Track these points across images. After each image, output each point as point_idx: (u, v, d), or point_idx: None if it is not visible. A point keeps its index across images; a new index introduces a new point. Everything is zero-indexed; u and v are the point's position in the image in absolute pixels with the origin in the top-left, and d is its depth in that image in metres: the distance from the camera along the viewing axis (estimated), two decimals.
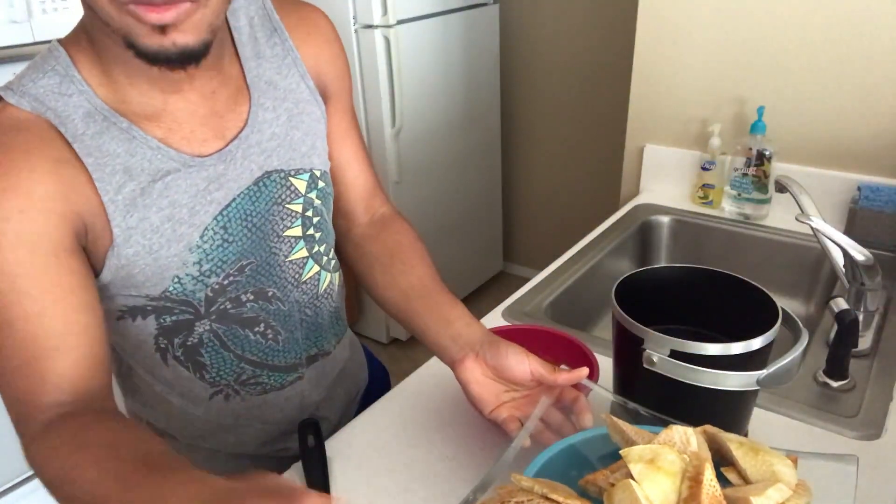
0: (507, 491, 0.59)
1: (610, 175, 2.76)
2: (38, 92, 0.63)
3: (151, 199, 0.66)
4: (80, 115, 0.63)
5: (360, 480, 0.79)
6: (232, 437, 0.87)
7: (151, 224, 0.66)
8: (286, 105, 0.75)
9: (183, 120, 0.68)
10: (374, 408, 0.92)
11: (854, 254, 1.00)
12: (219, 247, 0.71)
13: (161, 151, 0.66)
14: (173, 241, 0.68)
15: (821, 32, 1.33)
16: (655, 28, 1.53)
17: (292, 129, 0.75)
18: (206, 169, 0.69)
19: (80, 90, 0.63)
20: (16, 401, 0.62)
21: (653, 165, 1.62)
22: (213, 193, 0.70)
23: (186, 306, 0.73)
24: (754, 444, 0.61)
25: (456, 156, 2.70)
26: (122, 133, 0.64)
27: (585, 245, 1.37)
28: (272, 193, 0.74)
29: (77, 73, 0.64)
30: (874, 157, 1.35)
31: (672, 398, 0.73)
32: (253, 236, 0.74)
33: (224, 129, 0.71)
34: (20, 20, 1.59)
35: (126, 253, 0.66)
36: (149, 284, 0.69)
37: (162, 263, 0.68)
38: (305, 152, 0.76)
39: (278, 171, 0.74)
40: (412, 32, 2.34)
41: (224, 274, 0.73)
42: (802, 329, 0.73)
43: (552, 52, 2.78)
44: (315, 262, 0.82)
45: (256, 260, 0.75)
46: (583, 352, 0.89)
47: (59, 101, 0.63)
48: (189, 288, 0.71)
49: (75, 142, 0.62)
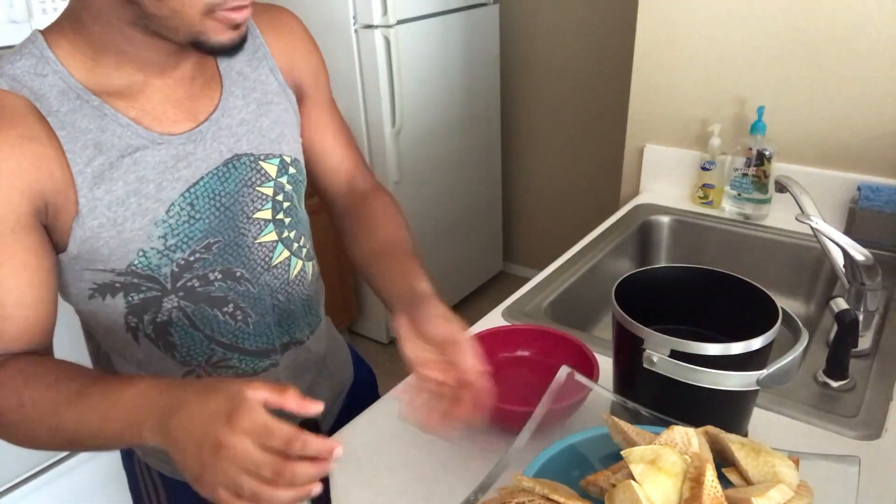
0: (508, 491, 0.59)
1: (610, 175, 2.76)
2: (16, 73, 0.66)
3: (119, 174, 0.69)
4: (54, 94, 0.66)
5: (360, 480, 0.79)
6: None
7: (117, 197, 0.69)
8: (255, 95, 0.79)
9: (158, 102, 0.72)
10: (374, 408, 0.92)
11: (854, 254, 1.00)
12: (185, 223, 0.73)
13: (131, 129, 0.69)
14: (138, 215, 0.70)
15: (821, 32, 1.33)
16: (655, 28, 1.53)
17: (261, 116, 0.79)
18: (174, 147, 0.72)
19: (54, 70, 0.67)
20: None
21: (653, 165, 1.62)
22: (182, 171, 0.72)
23: (153, 282, 0.74)
24: (756, 445, 0.61)
25: (456, 156, 2.70)
26: (94, 110, 0.68)
27: (585, 245, 1.37)
28: (242, 175, 0.77)
29: (52, 55, 0.67)
30: (874, 157, 1.35)
31: (672, 398, 0.73)
32: (221, 216, 0.76)
33: (196, 112, 0.74)
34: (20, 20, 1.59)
35: (91, 224, 0.68)
36: (114, 258, 0.70)
37: (126, 236, 0.70)
38: (274, 139, 0.80)
39: (248, 155, 0.77)
40: (412, 32, 2.34)
41: (190, 250, 0.75)
42: (802, 329, 0.73)
43: (552, 52, 2.78)
44: (285, 247, 0.84)
45: (224, 239, 0.77)
46: (583, 352, 0.89)
47: (35, 80, 0.66)
48: (154, 262, 0.73)
49: (49, 116, 0.66)
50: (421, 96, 2.45)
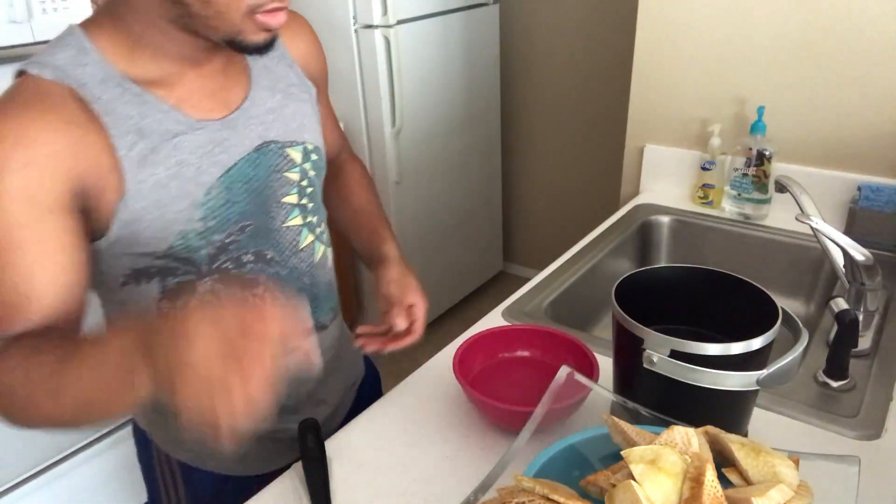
0: (508, 491, 0.59)
1: (610, 175, 2.76)
2: (58, 63, 0.68)
3: (161, 157, 0.71)
4: (95, 82, 0.69)
5: (360, 480, 0.79)
6: None
7: (160, 180, 0.71)
8: (279, 86, 0.84)
9: (193, 91, 0.75)
10: (374, 408, 0.92)
11: (854, 254, 1.00)
12: (222, 206, 0.76)
13: (171, 115, 0.72)
14: (179, 198, 0.73)
15: (821, 33, 1.33)
16: (655, 28, 1.53)
17: (285, 106, 0.83)
18: (212, 133, 0.75)
19: (94, 60, 0.69)
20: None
21: (653, 165, 1.62)
22: (218, 156, 0.75)
23: (189, 265, 0.76)
24: (756, 445, 0.61)
25: (456, 156, 2.70)
26: (134, 97, 0.70)
27: (585, 245, 1.37)
28: (270, 161, 0.81)
29: (91, 46, 0.70)
30: (874, 157, 1.35)
31: (672, 398, 0.73)
32: (254, 199, 0.79)
33: (228, 101, 0.78)
34: (20, 20, 1.59)
35: (135, 207, 0.70)
36: (155, 240, 0.72)
37: (168, 218, 0.72)
38: (297, 127, 0.84)
39: (275, 142, 0.81)
40: (412, 32, 2.34)
41: (226, 232, 0.77)
42: (802, 329, 0.73)
43: (552, 52, 2.78)
44: (310, 231, 0.87)
45: (256, 222, 0.80)
46: (583, 352, 0.89)
47: (77, 70, 0.68)
48: (194, 244, 0.75)
49: (93, 103, 0.68)
50: (421, 96, 2.45)
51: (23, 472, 1.64)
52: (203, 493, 0.93)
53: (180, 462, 0.92)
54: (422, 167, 2.53)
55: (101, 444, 1.78)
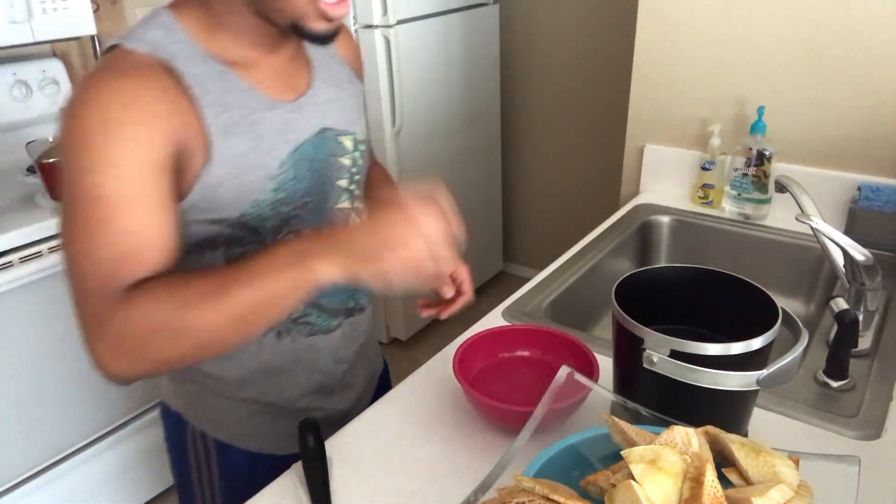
0: (507, 491, 0.59)
1: (610, 175, 2.76)
2: (152, 39, 0.74)
3: (241, 130, 0.77)
4: (183, 58, 0.75)
5: (360, 480, 0.79)
6: (275, 384, 0.92)
7: (240, 150, 0.77)
8: (334, 80, 0.91)
9: (267, 74, 0.82)
10: (374, 408, 0.92)
11: (854, 254, 1.00)
12: (290, 180, 0.82)
13: (249, 93, 0.79)
14: (256, 168, 0.78)
15: (821, 33, 1.33)
16: (655, 28, 1.53)
17: (339, 99, 0.90)
18: (284, 113, 0.82)
19: (181, 40, 0.75)
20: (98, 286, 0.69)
21: (653, 165, 1.62)
22: (289, 135, 0.82)
23: (255, 235, 0.81)
24: (756, 445, 0.61)
25: (456, 156, 2.70)
26: (218, 74, 0.77)
27: (585, 245, 1.37)
28: (328, 146, 0.87)
29: (178, 27, 0.76)
30: (874, 157, 1.35)
31: (672, 398, 0.73)
32: (315, 179, 0.86)
33: (297, 87, 0.85)
34: (20, 20, 1.59)
35: (217, 172, 0.75)
36: (230, 206, 0.78)
37: (245, 186, 0.78)
38: (348, 119, 0.91)
39: (332, 129, 0.88)
40: (412, 32, 2.34)
41: (291, 206, 0.83)
42: (802, 329, 0.73)
43: (552, 52, 2.78)
44: (356, 216, 0.93)
45: (315, 200, 0.86)
46: (583, 352, 0.89)
47: (168, 46, 0.74)
48: (264, 213, 0.80)
49: (184, 75, 0.74)
50: (421, 96, 2.45)
51: (23, 472, 1.64)
52: (237, 471, 0.96)
53: (216, 441, 0.95)
54: (422, 167, 2.53)
55: (102, 444, 1.78)
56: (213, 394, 0.92)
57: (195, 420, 0.95)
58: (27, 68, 1.88)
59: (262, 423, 0.95)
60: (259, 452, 0.95)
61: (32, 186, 1.71)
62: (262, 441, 0.96)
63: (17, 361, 1.55)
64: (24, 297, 1.52)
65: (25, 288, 1.52)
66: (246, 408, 0.93)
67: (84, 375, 1.68)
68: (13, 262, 1.48)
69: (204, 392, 0.93)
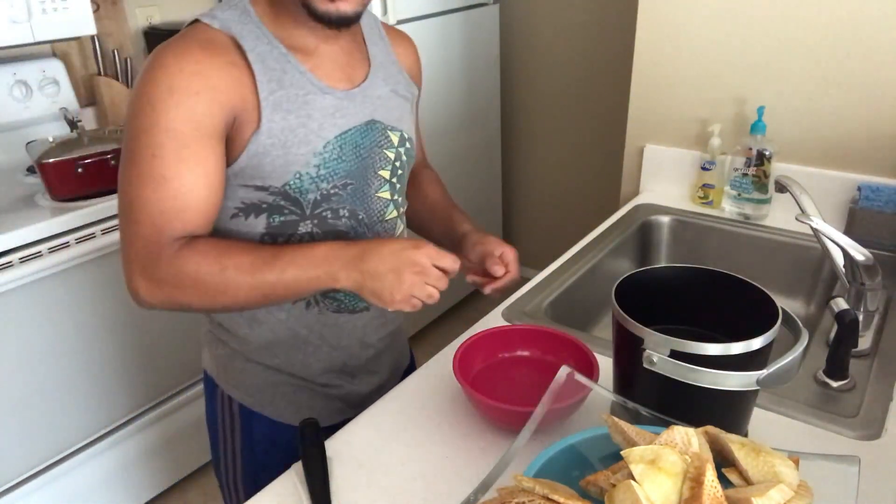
0: (507, 491, 0.59)
1: (610, 175, 2.76)
2: (225, 17, 0.83)
3: (293, 107, 0.84)
4: (251, 37, 0.83)
5: (360, 480, 0.79)
6: (300, 355, 0.98)
7: (289, 124, 0.83)
8: (390, 81, 0.97)
9: (325, 61, 0.89)
10: (374, 408, 0.92)
11: (854, 254, 1.00)
12: (334, 160, 0.88)
13: (306, 76, 0.86)
14: (302, 143, 0.85)
15: (821, 32, 1.33)
16: (655, 28, 1.53)
17: (391, 98, 0.96)
18: (335, 99, 0.88)
19: (252, 20, 0.84)
20: (149, 231, 0.79)
21: (653, 165, 1.62)
22: (338, 119, 0.88)
23: (296, 206, 0.87)
24: (756, 445, 0.61)
25: (456, 156, 2.70)
26: (280, 55, 0.84)
27: (585, 245, 1.37)
28: (375, 137, 0.93)
29: (252, 10, 0.84)
30: (874, 157, 1.35)
31: (672, 398, 0.74)
32: (359, 164, 0.91)
33: (353, 78, 0.92)
34: (20, 20, 1.59)
35: (265, 142, 0.82)
36: (275, 175, 0.84)
37: (290, 158, 0.84)
38: (398, 117, 0.97)
39: (380, 123, 0.93)
40: (412, 32, 2.32)
41: (332, 184, 0.89)
42: (802, 329, 0.73)
43: (552, 52, 2.78)
44: (395, 208, 0.98)
45: (356, 183, 0.91)
46: (583, 352, 0.89)
47: (238, 25, 0.83)
48: (306, 185, 0.86)
49: (248, 52, 0.81)
50: (421, 96, 2.45)
51: (23, 472, 1.64)
52: (258, 438, 1.01)
53: (241, 406, 1.01)
54: None
55: (102, 444, 1.78)
56: (243, 358, 0.98)
57: (224, 384, 1.01)
58: (27, 68, 1.88)
59: (284, 393, 1.00)
60: (278, 421, 1.00)
61: (32, 186, 1.71)
62: (282, 410, 1.00)
63: (17, 361, 1.55)
64: (24, 297, 1.52)
65: (25, 288, 1.52)
66: (270, 376, 0.99)
67: (84, 375, 1.68)
68: (13, 262, 1.48)
69: (234, 356, 0.99)
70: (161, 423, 1.89)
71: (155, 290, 0.80)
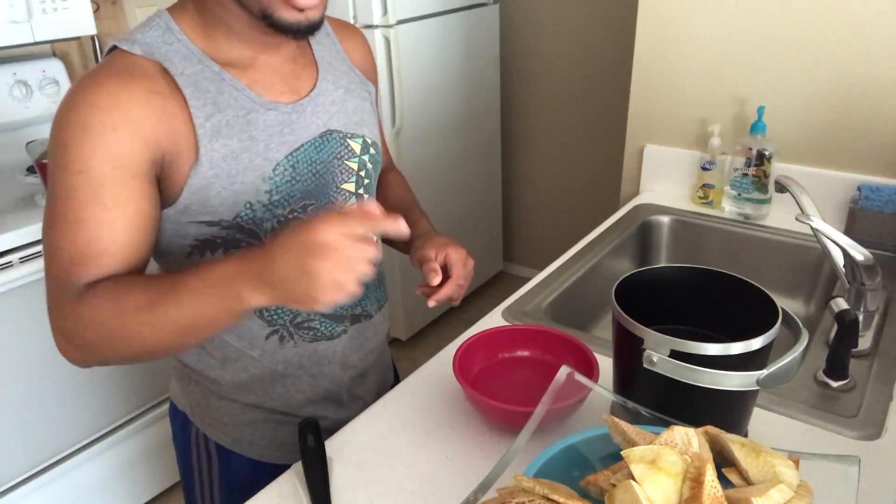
0: (507, 491, 0.59)
1: (610, 175, 2.76)
2: (147, 40, 0.75)
3: (234, 131, 0.76)
4: (179, 58, 0.75)
5: (360, 480, 0.79)
6: (279, 388, 0.92)
7: (231, 151, 0.76)
8: (342, 82, 0.89)
9: (266, 74, 0.81)
10: (374, 408, 0.92)
11: (854, 254, 1.00)
12: (287, 182, 0.81)
13: (245, 93, 0.78)
14: (249, 169, 0.78)
15: (821, 32, 1.33)
16: (655, 28, 1.53)
17: (347, 101, 0.89)
18: (281, 114, 0.81)
19: (178, 39, 0.76)
20: (58, 278, 0.71)
21: (653, 165, 1.62)
22: (286, 136, 0.81)
23: (253, 238, 0.81)
24: (756, 445, 0.61)
25: (456, 156, 2.70)
26: (213, 75, 0.77)
27: (585, 245, 1.37)
28: (333, 148, 0.86)
29: (176, 27, 0.77)
30: (874, 157, 1.35)
31: (672, 398, 0.73)
32: (317, 181, 0.84)
33: (298, 88, 0.84)
34: (20, 20, 1.59)
35: (207, 174, 0.75)
36: (223, 208, 0.77)
37: (237, 188, 0.77)
38: (357, 121, 0.90)
39: (338, 132, 0.87)
40: (412, 32, 2.34)
41: (290, 208, 0.82)
42: (802, 329, 0.73)
43: (552, 52, 2.78)
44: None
45: (317, 203, 0.85)
46: (583, 352, 0.89)
47: (163, 47, 0.75)
48: (259, 215, 0.80)
49: (177, 76, 0.74)
50: (421, 96, 2.45)
51: (23, 472, 1.64)
52: (237, 476, 0.95)
53: (218, 445, 0.95)
54: (422, 167, 2.53)
55: (102, 444, 1.78)
56: (217, 397, 0.92)
57: (198, 422, 0.95)
58: (27, 68, 1.88)
59: (264, 431, 0.94)
60: (259, 460, 0.95)
61: (32, 186, 1.71)
62: (263, 449, 0.95)
63: (17, 361, 1.55)
64: (24, 297, 1.52)
65: (25, 288, 1.52)
66: (248, 413, 0.93)
67: (84, 375, 1.68)
68: (13, 263, 1.48)
69: (208, 394, 0.92)
70: (161, 424, 1.89)
71: (71, 346, 0.72)
